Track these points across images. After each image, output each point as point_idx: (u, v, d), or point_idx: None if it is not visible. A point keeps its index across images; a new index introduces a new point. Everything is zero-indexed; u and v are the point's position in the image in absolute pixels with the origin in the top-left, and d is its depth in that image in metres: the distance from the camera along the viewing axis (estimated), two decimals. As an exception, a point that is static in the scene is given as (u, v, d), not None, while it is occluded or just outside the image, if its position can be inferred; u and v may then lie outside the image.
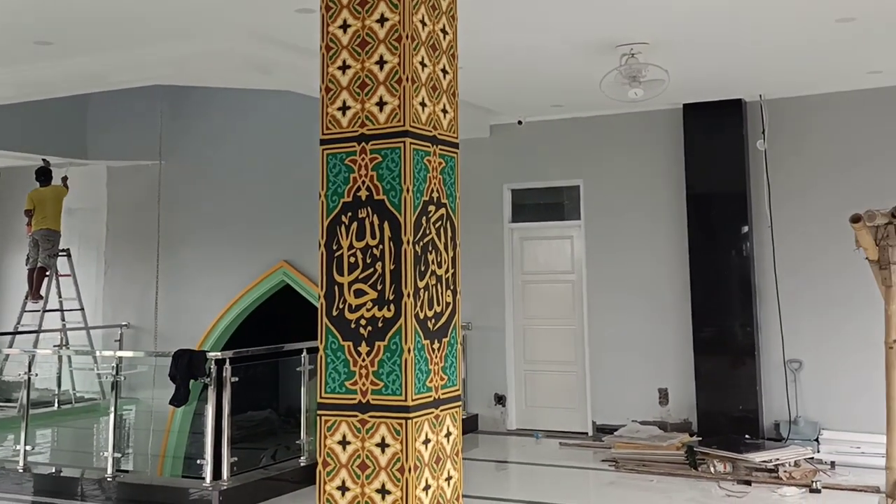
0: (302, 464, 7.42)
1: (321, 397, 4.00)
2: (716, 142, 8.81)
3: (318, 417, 4.00)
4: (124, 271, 11.79)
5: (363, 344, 3.92)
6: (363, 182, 3.90)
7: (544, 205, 9.97)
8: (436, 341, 4.03)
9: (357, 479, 3.89)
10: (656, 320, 9.10)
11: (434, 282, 4.03)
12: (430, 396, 3.97)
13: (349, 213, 3.93)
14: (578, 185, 9.62)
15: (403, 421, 3.82)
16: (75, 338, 11.39)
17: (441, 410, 4.04)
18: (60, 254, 11.41)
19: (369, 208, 3.89)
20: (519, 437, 9.44)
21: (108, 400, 7.90)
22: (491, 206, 9.91)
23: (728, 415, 8.49)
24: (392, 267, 3.87)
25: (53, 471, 8.02)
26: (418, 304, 3.90)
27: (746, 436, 8.21)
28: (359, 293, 3.94)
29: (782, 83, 8.33)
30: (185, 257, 11.33)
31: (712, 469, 7.37)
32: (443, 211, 4.06)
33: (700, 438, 8.24)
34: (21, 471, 7.64)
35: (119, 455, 7.43)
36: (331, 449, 3.96)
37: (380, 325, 3.90)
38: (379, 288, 3.90)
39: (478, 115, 9.48)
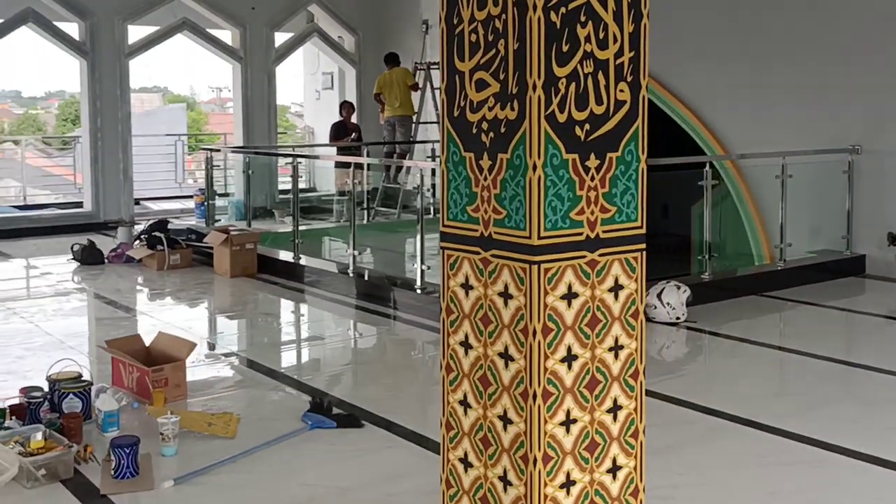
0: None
1: (443, 225, 3.02)
2: None
3: (441, 251, 3.06)
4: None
5: (485, 156, 2.83)
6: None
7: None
8: (592, 156, 2.78)
9: (480, 336, 2.91)
10: None
11: (590, 69, 2.73)
12: (578, 234, 2.77)
13: (466, -29, 2.75)
14: None
15: (527, 266, 2.72)
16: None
17: (600, 255, 2.82)
18: (419, 67, 11.34)
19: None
20: (917, 286, 7.79)
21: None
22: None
23: None
24: (516, 46, 2.67)
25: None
26: (555, 102, 2.67)
27: None
28: (480, 85, 2.81)
29: None
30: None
31: None
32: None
33: None
34: (350, 275, 7.92)
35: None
36: (454, 293, 2.99)
37: (502, 129, 2.75)
38: (501, 77, 2.73)
39: None
